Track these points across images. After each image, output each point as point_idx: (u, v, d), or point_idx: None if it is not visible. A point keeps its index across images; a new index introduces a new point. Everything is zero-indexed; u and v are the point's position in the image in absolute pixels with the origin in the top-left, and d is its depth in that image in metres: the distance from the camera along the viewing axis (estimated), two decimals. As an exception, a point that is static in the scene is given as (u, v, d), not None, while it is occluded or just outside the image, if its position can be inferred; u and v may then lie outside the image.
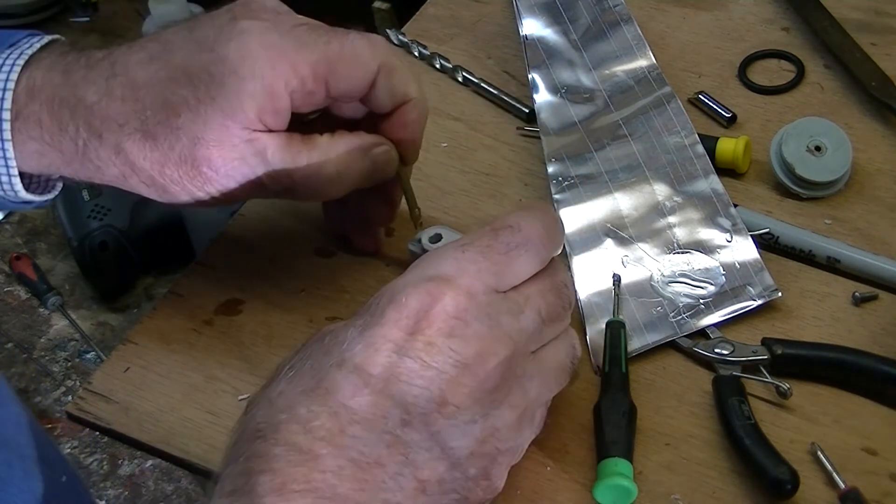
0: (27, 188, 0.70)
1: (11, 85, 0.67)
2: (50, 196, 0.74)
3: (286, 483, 0.50)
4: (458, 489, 0.54)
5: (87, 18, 1.55)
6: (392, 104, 0.71)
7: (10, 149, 0.67)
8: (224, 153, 0.65)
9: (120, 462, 1.39)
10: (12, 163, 0.68)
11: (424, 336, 0.53)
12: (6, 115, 0.66)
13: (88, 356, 1.15)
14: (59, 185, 0.75)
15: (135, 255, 1.17)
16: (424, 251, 0.70)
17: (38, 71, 0.68)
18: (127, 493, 1.39)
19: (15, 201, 0.71)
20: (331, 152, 0.68)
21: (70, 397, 1.15)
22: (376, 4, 1.24)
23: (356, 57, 0.68)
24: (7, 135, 0.67)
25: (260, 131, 0.66)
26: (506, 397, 0.56)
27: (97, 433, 0.77)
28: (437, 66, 0.95)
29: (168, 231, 1.17)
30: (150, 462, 0.98)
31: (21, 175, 0.69)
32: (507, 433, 0.57)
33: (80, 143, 0.67)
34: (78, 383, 1.10)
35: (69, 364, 1.15)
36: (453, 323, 0.54)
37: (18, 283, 1.23)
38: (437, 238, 0.71)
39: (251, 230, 0.86)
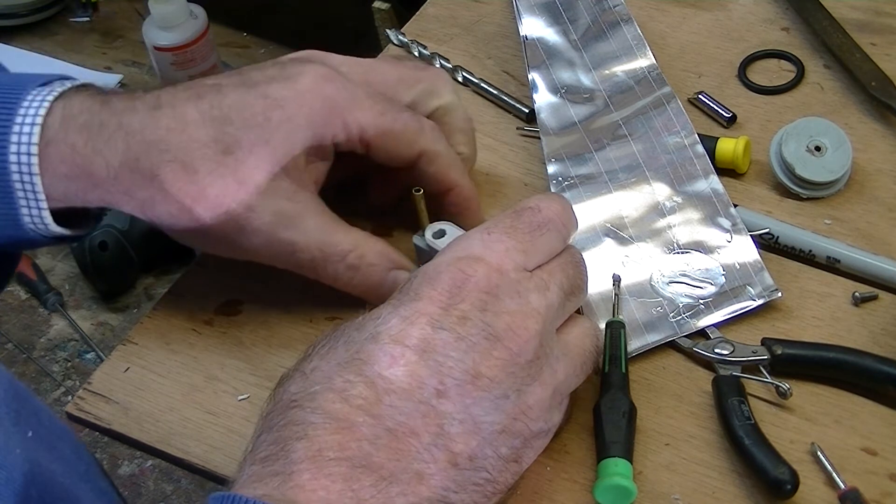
0: (59, 223, 0.70)
1: (40, 120, 0.67)
2: (81, 231, 0.73)
3: (322, 450, 0.51)
4: (489, 468, 0.55)
5: (87, 18, 1.55)
6: (436, 188, 0.73)
7: (39, 183, 0.67)
8: (263, 201, 0.66)
9: (120, 462, 1.39)
10: (41, 195, 0.67)
11: (458, 310, 0.55)
12: (34, 149, 0.66)
13: (88, 356, 1.15)
14: (91, 222, 0.75)
15: (135, 255, 1.17)
16: (430, 247, 0.70)
17: (75, 102, 0.68)
18: (127, 493, 1.39)
19: (47, 235, 0.70)
20: (360, 248, 0.70)
21: (70, 397, 1.15)
22: (376, 4, 1.24)
23: (402, 136, 0.70)
24: (35, 169, 0.66)
25: (302, 191, 0.68)
26: (538, 374, 0.57)
27: (97, 433, 0.77)
28: (437, 66, 0.95)
29: (168, 231, 1.17)
30: (150, 462, 0.98)
31: (53, 212, 0.69)
32: (538, 412, 0.58)
33: (114, 165, 0.67)
34: (78, 383, 1.10)
35: (69, 364, 1.15)
36: (485, 297, 0.56)
37: (18, 283, 1.23)
38: (440, 234, 0.71)
39: (251, 230, 0.86)
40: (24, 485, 0.53)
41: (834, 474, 0.66)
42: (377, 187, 0.80)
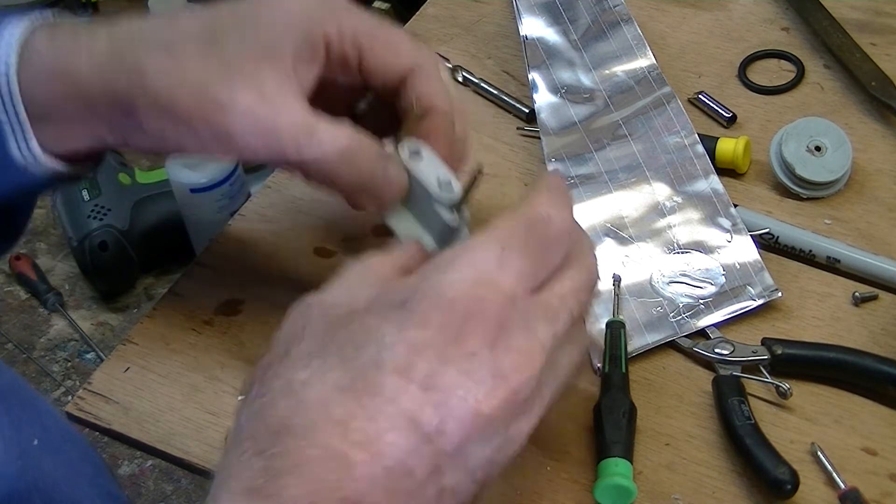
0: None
1: (16, 45, 0.65)
2: (79, 170, 0.70)
3: (318, 490, 0.49)
4: (464, 493, 0.54)
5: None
6: (419, 109, 0.69)
7: (22, 111, 0.65)
8: (246, 82, 0.63)
9: (120, 462, 1.39)
10: (26, 123, 0.65)
11: (467, 346, 0.52)
12: (12, 71, 0.64)
13: (88, 356, 1.15)
14: (87, 166, 0.72)
15: (135, 255, 1.17)
16: (407, 168, 0.67)
17: (58, 26, 0.67)
18: (127, 493, 1.39)
19: (40, 174, 0.67)
20: (350, 131, 0.65)
21: (70, 397, 1.15)
22: (376, 4, 1.24)
23: (395, 44, 0.67)
24: (17, 96, 0.64)
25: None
26: (531, 408, 0.56)
27: (97, 433, 0.77)
28: (437, 66, 0.95)
29: (168, 231, 1.17)
30: (150, 462, 0.98)
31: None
32: (520, 441, 0.56)
33: (97, 58, 0.65)
34: (78, 383, 1.10)
35: (69, 364, 1.15)
36: (496, 332, 0.53)
37: (18, 283, 1.23)
38: (416, 154, 0.67)
39: (251, 230, 0.86)
40: (26, 491, 0.53)
41: (834, 474, 0.66)
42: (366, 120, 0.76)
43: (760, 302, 0.75)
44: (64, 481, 0.57)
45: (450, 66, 0.95)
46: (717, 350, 0.73)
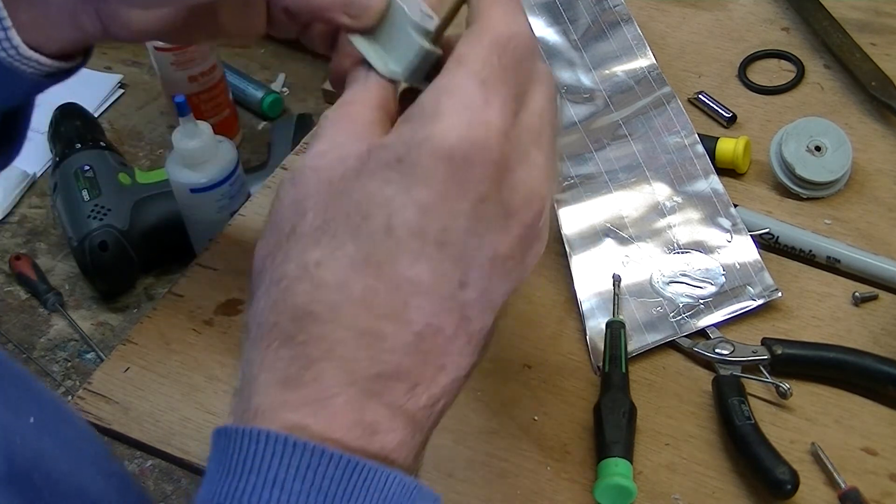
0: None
1: None
2: (66, 64, 0.69)
3: (354, 370, 0.48)
4: (489, 331, 0.53)
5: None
6: None
7: None
8: None
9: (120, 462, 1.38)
10: (2, 12, 0.63)
11: (475, 192, 0.50)
12: None
13: (88, 356, 1.15)
14: (75, 60, 0.70)
15: (135, 255, 1.17)
16: None
17: None
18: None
19: (27, 68, 0.66)
20: None
21: (70, 397, 1.15)
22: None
23: None
24: None
25: None
26: (542, 234, 0.54)
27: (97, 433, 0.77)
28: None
29: (168, 231, 1.17)
30: (150, 462, 0.97)
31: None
32: (532, 264, 0.54)
33: None
34: (78, 383, 1.10)
35: (69, 364, 1.15)
36: (498, 171, 0.51)
37: (18, 283, 1.22)
38: None
39: (251, 230, 0.86)
40: (27, 471, 0.52)
41: (834, 474, 0.66)
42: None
43: (760, 302, 0.75)
44: (64, 460, 0.57)
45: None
46: (717, 350, 0.73)
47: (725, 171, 0.84)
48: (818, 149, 0.83)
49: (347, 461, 0.46)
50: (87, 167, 1.20)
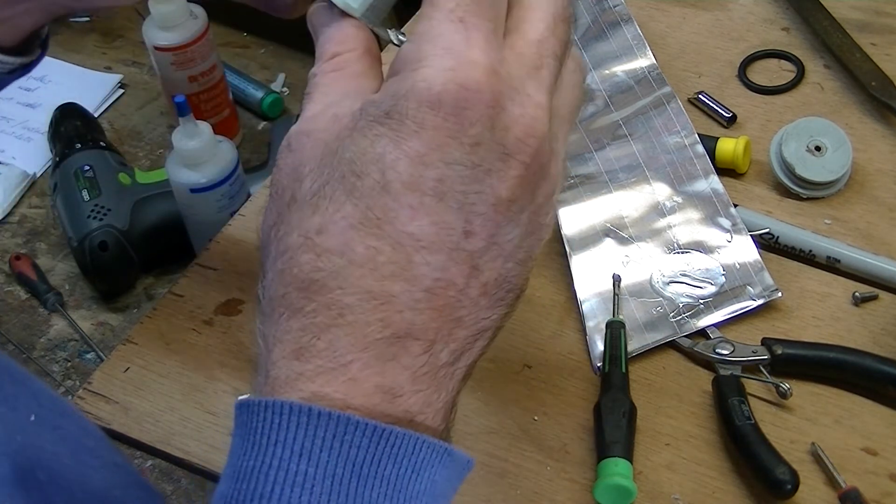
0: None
1: None
2: (21, 58, 0.68)
3: (366, 334, 0.47)
4: (512, 279, 0.51)
5: (87, 18, 1.55)
6: None
7: None
8: None
9: (120, 462, 1.38)
10: None
11: (469, 137, 0.48)
12: None
13: (88, 356, 1.15)
14: (37, 51, 0.69)
15: (135, 255, 1.17)
16: None
17: None
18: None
19: None
20: None
21: (70, 397, 1.15)
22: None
23: None
24: None
25: None
26: (548, 172, 0.52)
27: (97, 433, 0.77)
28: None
29: (168, 231, 1.17)
30: (150, 462, 0.97)
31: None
32: (547, 206, 0.52)
33: None
34: (78, 383, 1.10)
35: (69, 364, 1.15)
36: (492, 112, 0.49)
37: (18, 283, 1.22)
38: None
39: (251, 230, 0.86)
40: (29, 470, 0.52)
41: (834, 474, 0.66)
42: None
43: (760, 302, 0.75)
44: (66, 455, 0.56)
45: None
46: (717, 350, 0.73)
47: (725, 171, 0.84)
48: (818, 149, 0.83)
49: (374, 428, 0.45)
50: (87, 167, 1.20)
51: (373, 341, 0.47)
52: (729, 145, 0.84)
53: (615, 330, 0.73)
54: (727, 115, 0.89)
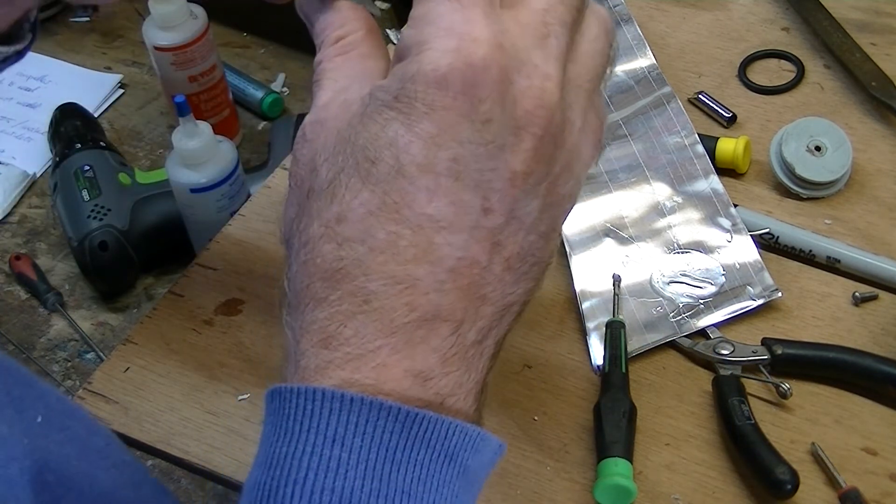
0: None
1: None
2: (17, 46, 0.67)
3: (393, 319, 0.47)
4: (536, 252, 0.51)
5: (87, 18, 1.55)
6: None
7: None
8: None
9: (120, 462, 1.38)
10: None
11: (480, 114, 0.48)
12: None
13: (88, 356, 1.15)
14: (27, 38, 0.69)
15: (135, 255, 1.17)
16: None
17: None
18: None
19: None
20: None
21: (70, 398, 1.15)
22: (376, 3, 1.24)
23: None
24: None
25: None
26: (562, 141, 0.51)
27: (97, 433, 0.77)
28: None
29: (168, 231, 1.17)
30: (150, 462, 0.97)
31: None
32: (566, 175, 0.52)
33: None
34: (78, 383, 1.10)
35: (69, 364, 1.15)
36: (500, 87, 0.49)
37: (18, 283, 1.22)
38: None
39: (251, 230, 0.86)
40: (38, 473, 0.52)
41: (835, 474, 0.66)
42: None
43: (760, 302, 0.75)
44: (74, 456, 0.56)
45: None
46: (717, 350, 0.73)
47: (725, 171, 0.84)
48: (818, 149, 0.83)
49: (407, 413, 0.45)
50: (87, 167, 1.20)
51: (400, 326, 0.47)
52: (729, 145, 0.84)
53: (615, 330, 0.73)
54: (727, 115, 0.89)
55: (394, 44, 0.98)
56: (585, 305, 0.77)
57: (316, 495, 0.45)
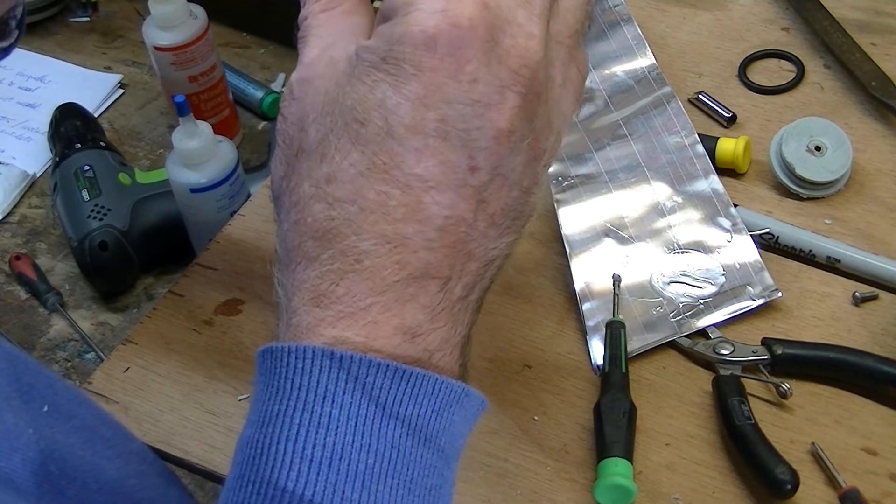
0: None
1: None
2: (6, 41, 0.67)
3: (384, 277, 0.48)
4: (518, 207, 0.52)
5: (87, 18, 1.55)
6: None
7: None
8: None
9: (120, 462, 1.37)
10: None
11: (466, 74, 0.49)
12: None
13: (88, 356, 1.15)
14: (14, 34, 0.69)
15: (135, 255, 1.17)
16: None
17: None
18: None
19: None
20: None
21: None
22: (376, 4, 1.24)
23: None
24: None
25: None
26: (545, 97, 0.52)
27: (97, 433, 0.77)
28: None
29: (168, 231, 1.17)
30: (149, 462, 0.97)
31: None
32: (546, 131, 0.53)
33: None
34: (78, 383, 1.10)
35: (69, 364, 1.15)
36: (485, 47, 0.49)
37: (18, 283, 1.22)
38: None
39: (251, 230, 0.86)
40: (41, 463, 0.52)
41: (835, 474, 0.66)
42: None
43: (760, 302, 0.75)
44: (79, 446, 0.56)
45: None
46: (717, 350, 0.73)
47: (725, 171, 0.84)
48: (818, 149, 0.83)
49: (395, 369, 0.46)
50: (86, 167, 1.20)
51: (390, 284, 0.48)
52: (729, 145, 0.84)
53: (615, 330, 0.73)
54: (727, 115, 0.89)
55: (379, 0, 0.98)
56: (585, 305, 0.77)
57: (308, 451, 0.46)
